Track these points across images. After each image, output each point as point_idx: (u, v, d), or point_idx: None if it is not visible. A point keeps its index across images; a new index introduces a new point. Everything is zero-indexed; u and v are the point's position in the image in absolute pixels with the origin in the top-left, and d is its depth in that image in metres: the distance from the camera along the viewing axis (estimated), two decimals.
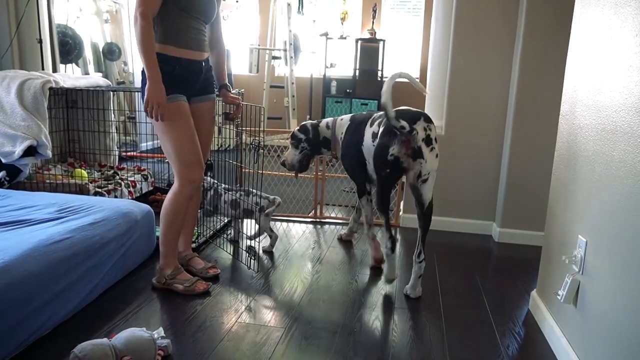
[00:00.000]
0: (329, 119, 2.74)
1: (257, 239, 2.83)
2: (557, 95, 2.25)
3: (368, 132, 2.43)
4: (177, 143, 2.05)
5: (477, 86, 3.09)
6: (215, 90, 2.33)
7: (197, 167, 2.12)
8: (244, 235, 2.97)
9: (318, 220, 3.39)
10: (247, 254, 2.49)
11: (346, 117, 2.70)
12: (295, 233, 3.10)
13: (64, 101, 3.40)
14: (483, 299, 2.28)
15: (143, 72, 2.01)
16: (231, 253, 2.68)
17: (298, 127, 2.71)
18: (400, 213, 3.34)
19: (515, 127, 3.00)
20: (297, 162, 2.73)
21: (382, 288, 2.34)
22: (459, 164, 3.20)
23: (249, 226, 3.17)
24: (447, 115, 3.14)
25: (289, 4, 5.59)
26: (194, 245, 2.65)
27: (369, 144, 2.40)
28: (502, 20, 3.02)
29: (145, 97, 1.93)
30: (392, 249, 2.33)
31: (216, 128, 4.12)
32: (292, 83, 5.80)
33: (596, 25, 1.72)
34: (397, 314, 2.09)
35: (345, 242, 2.98)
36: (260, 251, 2.74)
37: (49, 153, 2.68)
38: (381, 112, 2.44)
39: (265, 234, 2.77)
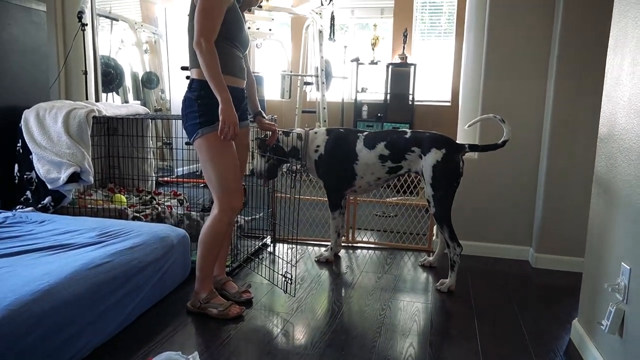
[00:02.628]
0: (300, 130, 2.91)
1: (293, 264, 2.84)
2: (595, 117, 2.20)
3: (369, 153, 2.75)
4: (221, 171, 2.09)
5: (511, 109, 3.06)
6: (250, 117, 2.39)
7: (239, 195, 2.16)
8: (280, 259, 2.99)
9: (350, 244, 3.38)
10: (284, 279, 2.50)
11: (321, 131, 2.92)
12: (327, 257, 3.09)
13: (106, 129, 3.54)
14: (521, 327, 2.21)
15: (185, 100, 2.08)
16: (267, 277, 2.70)
17: (263, 136, 2.76)
18: (433, 238, 3.29)
19: (551, 150, 2.94)
20: (265, 170, 2.84)
21: (415, 314, 2.31)
22: (493, 188, 3.15)
23: (287, 251, 3.19)
24: (480, 138, 3.12)
25: (320, 31, 5.70)
26: (227, 269, 2.68)
27: (372, 163, 2.75)
28: (536, 41, 3.00)
29: (221, 118, 1.97)
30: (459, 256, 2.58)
31: (249, 154, 4.20)
32: (324, 108, 5.87)
33: (635, 46, 1.69)
34: (432, 342, 2.05)
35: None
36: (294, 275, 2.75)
37: (91, 179, 2.78)
38: (368, 132, 2.84)
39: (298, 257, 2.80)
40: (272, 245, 3.30)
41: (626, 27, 1.77)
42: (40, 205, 2.81)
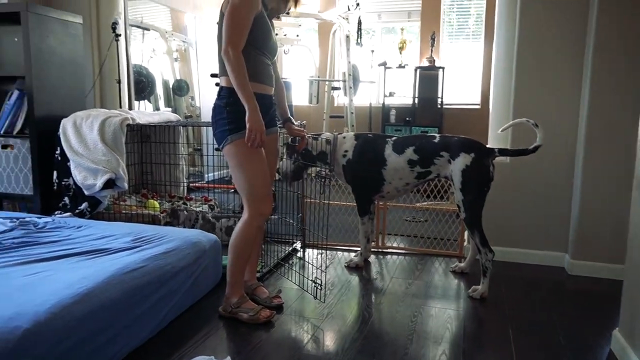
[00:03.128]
0: (329, 135, 2.91)
1: (323, 270, 2.85)
2: (634, 119, 2.13)
3: (397, 158, 2.73)
4: (251, 177, 2.11)
5: (544, 111, 3.00)
6: (279, 123, 2.41)
7: (268, 200, 2.18)
8: (310, 265, 3.00)
9: (380, 250, 3.36)
10: (314, 284, 2.50)
11: (349, 136, 2.91)
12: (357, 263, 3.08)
13: (139, 136, 3.63)
14: (558, 336, 2.15)
15: (215, 107, 2.12)
16: (297, 283, 2.70)
17: (292, 139, 2.73)
18: (465, 243, 3.24)
19: (587, 153, 2.86)
20: (291, 172, 2.84)
21: (447, 322, 2.27)
22: (526, 193, 3.08)
23: (316, 256, 3.19)
24: (513, 142, 3.06)
25: (347, 36, 5.71)
26: (258, 274, 2.70)
27: (400, 168, 2.73)
28: (569, 40, 2.93)
29: (247, 126, 2.00)
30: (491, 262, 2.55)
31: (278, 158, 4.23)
32: (352, 113, 5.87)
33: None
34: (464, 350, 2.01)
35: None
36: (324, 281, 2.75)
37: (126, 185, 2.85)
38: (397, 137, 2.82)
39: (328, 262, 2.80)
40: (301, 250, 3.31)
41: None
42: (77, 211, 2.90)
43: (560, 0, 2.91)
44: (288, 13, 5.31)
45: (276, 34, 5.69)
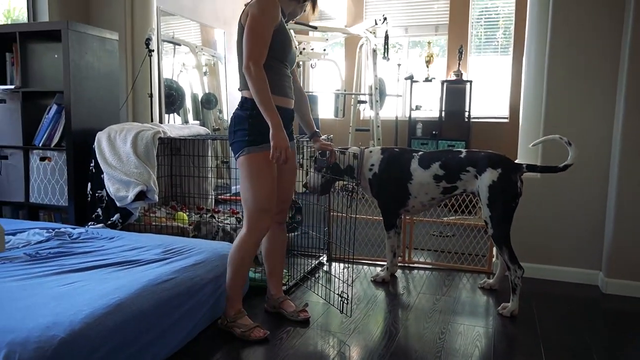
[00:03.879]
0: (356, 149, 2.93)
1: (350, 284, 2.84)
2: None
3: (423, 172, 2.73)
4: (257, 192, 2.08)
5: (576, 125, 2.94)
6: (305, 137, 2.41)
7: (268, 218, 2.14)
8: (336, 279, 2.99)
9: (407, 265, 3.33)
10: (340, 298, 2.50)
11: (375, 150, 2.91)
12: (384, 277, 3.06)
13: (169, 149, 3.71)
14: (593, 357, 2.08)
15: (236, 117, 2.10)
16: (323, 296, 2.70)
17: (321, 152, 2.74)
18: (493, 259, 3.19)
19: (621, 168, 2.79)
20: (319, 186, 2.83)
21: (476, 339, 2.23)
22: (558, 209, 3.02)
23: (342, 270, 3.19)
24: (543, 157, 3.00)
25: (374, 50, 5.74)
26: (284, 287, 2.71)
27: (426, 183, 2.73)
28: (602, 54, 2.87)
29: (273, 144, 1.98)
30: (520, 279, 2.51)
31: (304, 171, 4.26)
32: (378, 126, 5.87)
33: None
34: None
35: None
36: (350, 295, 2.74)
37: (156, 197, 2.92)
38: (423, 152, 2.83)
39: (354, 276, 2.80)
40: (327, 264, 3.31)
41: None
42: (109, 222, 2.97)
43: (593, 14, 2.87)
44: (315, 27, 5.37)
45: (303, 48, 5.74)
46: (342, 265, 3.30)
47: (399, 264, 3.28)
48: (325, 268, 3.22)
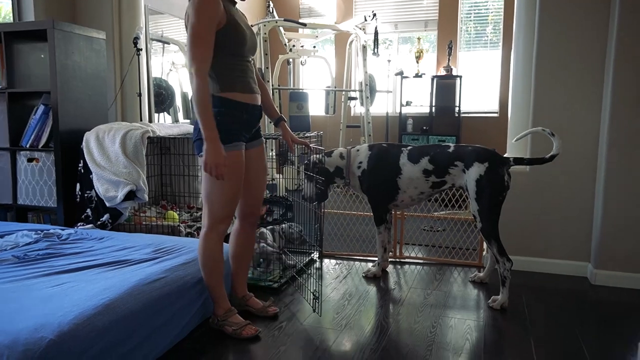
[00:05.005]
0: (342, 149, 2.96)
1: (320, 282, 2.83)
2: None
3: (412, 167, 2.75)
4: (219, 192, 2.03)
5: (564, 119, 2.97)
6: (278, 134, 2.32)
7: (227, 221, 2.11)
8: (312, 278, 3.00)
9: (398, 260, 3.35)
10: (313, 296, 2.50)
11: (363, 147, 2.94)
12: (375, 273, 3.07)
13: (159, 148, 3.69)
14: (582, 348, 2.11)
15: (196, 123, 1.99)
16: (304, 296, 2.71)
17: (307, 161, 2.78)
18: (484, 253, 3.21)
19: (609, 161, 2.82)
20: (314, 194, 2.87)
21: (467, 332, 2.25)
22: (546, 202, 3.04)
23: (334, 266, 3.19)
24: (532, 150, 3.03)
25: (364, 46, 5.74)
26: (275, 285, 2.72)
27: (415, 177, 2.74)
28: (589, 47, 2.90)
29: (203, 159, 1.92)
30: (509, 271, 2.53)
31: (295, 168, 4.26)
32: (369, 122, 5.88)
33: None
34: None
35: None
36: (336, 292, 2.75)
37: (146, 197, 2.90)
38: (412, 147, 2.82)
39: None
40: (319, 260, 3.31)
41: None
42: (99, 223, 2.96)
43: (580, 7, 2.89)
44: (305, 24, 5.36)
45: (293, 45, 5.70)
46: (334, 261, 3.30)
47: (390, 259, 3.29)
48: (317, 265, 3.22)
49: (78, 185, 3.09)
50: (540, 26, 2.97)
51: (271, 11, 5.51)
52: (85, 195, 3.03)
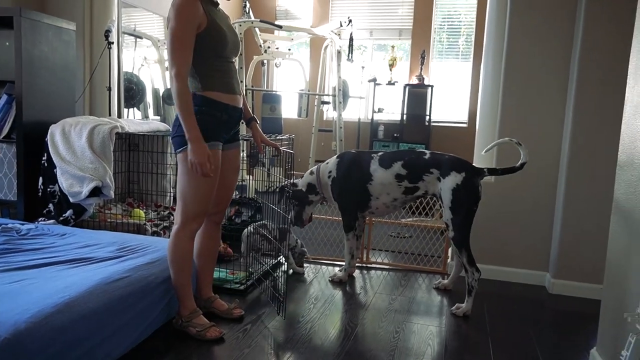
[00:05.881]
0: (313, 168, 3.03)
1: (281, 283, 2.84)
2: (615, 141, 2.19)
3: (384, 172, 2.77)
4: (194, 190, 2.04)
5: (529, 132, 3.06)
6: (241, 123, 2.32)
7: (200, 220, 2.12)
8: (278, 280, 3.00)
9: (365, 265, 3.38)
10: (279, 299, 2.50)
11: (331, 159, 2.99)
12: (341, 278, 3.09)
13: (127, 144, 3.62)
14: (538, 355, 2.18)
15: (176, 119, 2.01)
16: (270, 299, 2.71)
17: (285, 185, 2.86)
18: (448, 260, 3.28)
19: (569, 174, 2.93)
20: (299, 218, 2.99)
21: (429, 338, 2.29)
22: (509, 212, 3.13)
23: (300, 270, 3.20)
24: (497, 161, 3.11)
25: (339, 52, 5.77)
26: (242, 287, 2.70)
27: (387, 183, 2.77)
28: (554, 65, 3.01)
29: (189, 158, 1.95)
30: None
31: (265, 170, 4.25)
32: (341, 127, 5.91)
33: None
34: None
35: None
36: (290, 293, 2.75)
37: (112, 194, 2.84)
38: (383, 152, 2.87)
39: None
40: (285, 263, 3.30)
41: None
42: (62, 218, 2.88)
43: (546, 22, 2.99)
44: (281, 27, 5.37)
45: (268, 47, 5.66)
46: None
47: (357, 264, 3.32)
48: (284, 267, 3.22)
49: (41, 179, 2.99)
50: (509, 41, 3.06)
51: (247, 11, 5.49)
52: (48, 189, 2.95)
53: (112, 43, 3.83)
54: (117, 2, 4.16)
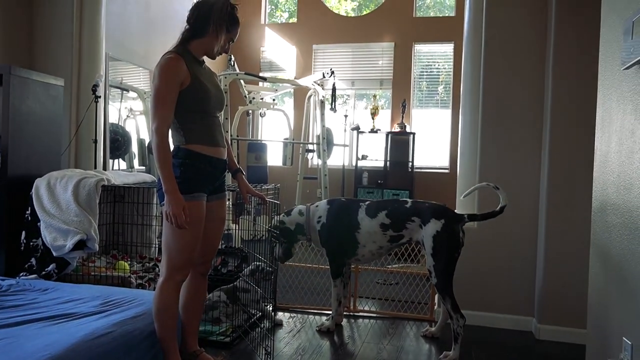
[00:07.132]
0: (302, 207, 3.06)
1: (270, 335, 2.79)
2: (591, 183, 2.27)
3: (370, 221, 2.80)
4: (179, 242, 2.07)
5: (509, 175, 3.13)
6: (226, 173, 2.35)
7: (185, 272, 2.14)
8: (265, 332, 2.96)
9: (352, 313, 3.35)
10: (265, 352, 2.46)
11: (322, 203, 3.03)
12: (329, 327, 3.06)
13: (112, 196, 3.62)
14: None
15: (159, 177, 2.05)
16: (256, 351, 2.66)
17: (270, 226, 2.85)
18: (435, 307, 3.27)
19: (548, 217, 3.00)
20: (283, 254, 2.99)
21: None
22: (492, 257, 3.17)
23: (287, 320, 3.16)
24: (480, 206, 3.18)
25: (322, 101, 5.93)
26: (227, 339, 2.66)
27: (373, 231, 2.79)
28: (529, 112, 3.13)
29: (165, 210, 2.00)
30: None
31: (250, 218, 4.26)
32: (325, 174, 5.99)
33: (619, 127, 1.80)
34: None
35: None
36: (285, 346, 2.71)
37: (97, 247, 2.82)
38: (370, 201, 2.94)
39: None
40: (273, 313, 3.26)
41: (610, 110, 1.89)
42: (44, 273, 2.83)
43: (520, 70, 3.14)
44: (265, 79, 5.53)
45: (253, 97, 5.81)
46: (287, 314, 3.27)
47: (345, 313, 3.29)
48: (270, 318, 3.17)
49: (24, 233, 2.96)
50: (484, 88, 3.19)
51: (232, 64, 5.65)
52: (31, 243, 2.91)
53: (99, 97, 3.90)
54: (105, 56, 4.27)
